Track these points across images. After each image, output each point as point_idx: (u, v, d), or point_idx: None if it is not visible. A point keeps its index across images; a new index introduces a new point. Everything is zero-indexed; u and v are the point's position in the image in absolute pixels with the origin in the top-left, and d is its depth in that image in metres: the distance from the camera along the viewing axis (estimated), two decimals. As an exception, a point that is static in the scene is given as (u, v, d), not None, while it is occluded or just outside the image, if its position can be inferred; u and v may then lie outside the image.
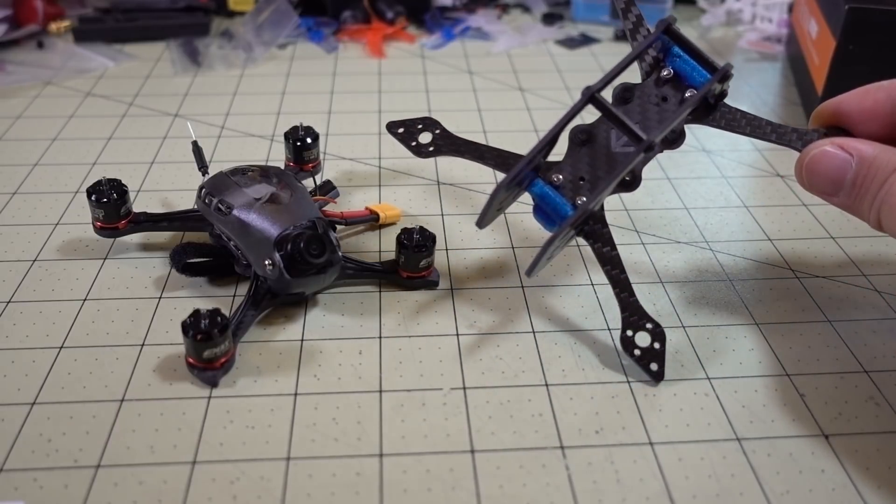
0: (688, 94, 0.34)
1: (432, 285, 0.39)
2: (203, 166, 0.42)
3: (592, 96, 0.32)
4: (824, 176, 0.32)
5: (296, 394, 0.33)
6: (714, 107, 0.34)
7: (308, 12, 0.74)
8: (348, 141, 0.54)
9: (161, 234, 0.43)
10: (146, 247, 0.42)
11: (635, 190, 0.35)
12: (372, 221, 0.44)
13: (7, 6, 0.68)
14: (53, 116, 0.57)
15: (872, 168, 0.30)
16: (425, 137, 0.39)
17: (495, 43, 0.72)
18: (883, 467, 0.30)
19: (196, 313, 0.33)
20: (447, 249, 0.42)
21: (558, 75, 0.65)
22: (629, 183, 0.34)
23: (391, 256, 0.40)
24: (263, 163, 0.47)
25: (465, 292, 0.39)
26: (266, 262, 0.35)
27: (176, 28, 0.71)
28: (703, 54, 0.34)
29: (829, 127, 0.34)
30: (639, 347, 0.34)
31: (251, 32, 0.69)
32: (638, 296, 0.34)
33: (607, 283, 0.39)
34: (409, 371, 0.34)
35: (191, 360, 0.33)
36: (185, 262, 0.38)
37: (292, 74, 0.65)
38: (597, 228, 0.34)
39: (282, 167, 0.43)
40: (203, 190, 0.38)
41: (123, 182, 0.40)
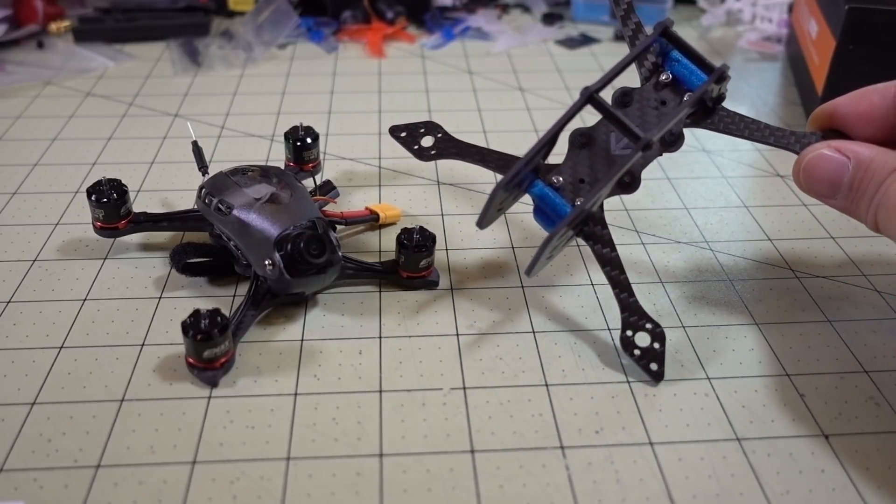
0: (686, 98, 0.34)
1: (432, 285, 0.39)
2: (203, 166, 0.42)
3: (591, 96, 0.33)
4: (821, 179, 0.32)
5: (296, 394, 0.33)
6: (712, 110, 0.35)
7: (308, 12, 0.74)
8: (348, 141, 0.54)
9: (161, 234, 0.43)
10: (146, 247, 0.42)
11: (635, 192, 0.35)
12: (372, 221, 0.44)
13: (7, 6, 0.68)
14: (53, 116, 0.57)
15: (869, 171, 0.30)
16: (427, 141, 0.40)
17: (495, 43, 0.72)
18: (883, 467, 0.30)
19: (196, 313, 0.33)
20: (447, 249, 0.42)
21: (558, 75, 0.65)
22: (628, 184, 0.35)
23: (391, 256, 0.40)
24: (263, 163, 0.47)
25: (465, 292, 0.39)
26: (266, 262, 0.35)
27: (176, 28, 0.71)
28: (701, 56, 0.34)
29: (826, 130, 0.35)
30: (639, 347, 0.34)
31: (251, 32, 0.69)
32: (638, 296, 0.34)
33: (607, 283, 0.39)
34: (409, 371, 0.34)
35: (191, 360, 0.33)
36: (185, 262, 0.38)
37: (292, 74, 0.65)
38: (596, 230, 0.34)
39: (282, 167, 0.43)
40: (203, 190, 0.38)
41: (123, 182, 0.40)
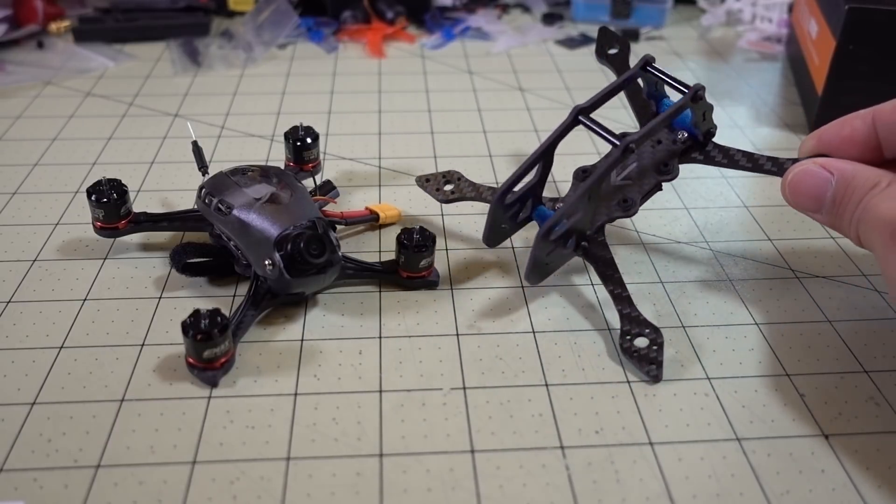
0: (679, 136, 0.38)
1: (432, 285, 0.39)
2: (203, 166, 0.42)
3: (578, 115, 0.36)
4: (806, 194, 0.33)
5: (296, 394, 0.33)
6: (704, 144, 0.38)
7: (308, 12, 0.74)
8: (348, 141, 0.54)
9: (161, 234, 0.43)
10: (146, 247, 0.42)
11: (633, 215, 0.38)
12: (372, 221, 0.44)
13: (7, 6, 0.68)
14: (53, 116, 0.57)
15: (850, 186, 0.31)
16: (448, 186, 0.43)
17: (495, 43, 0.72)
18: (883, 467, 0.30)
19: (196, 313, 0.33)
20: (447, 249, 0.42)
21: (558, 75, 0.65)
22: (627, 207, 0.38)
23: (391, 256, 0.40)
24: (263, 163, 0.47)
25: (465, 292, 0.39)
26: (266, 262, 0.35)
27: (176, 28, 0.71)
28: (682, 82, 0.37)
29: (813, 155, 0.36)
30: (638, 352, 0.34)
31: (251, 32, 0.69)
32: (638, 296, 0.35)
33: (607, 283, 0.40)
34: (409, 371, 0.34)
35: (191, 360, 0.33)
36: (185, 262, 0.38)
37: (292, 74, 0.65)
38: (597, 251, 0.37)
39: (282, 167, 0.43)
40: (203, 190, 0.38)
41: (123, 182, 0.40)
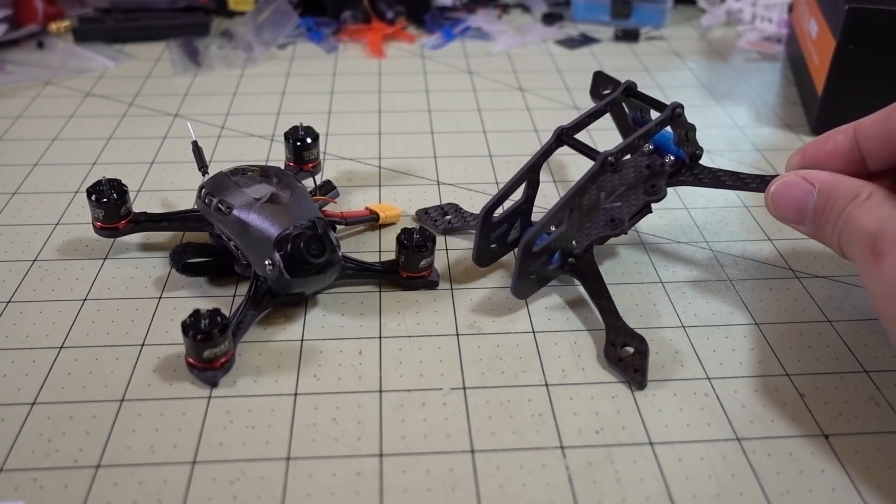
0: (667, 160, 0.40)
1: (432, 285, 0.39)
2: (203, 166, 0.42)
3: (559, 136, 0.38)
4: (789, 205, 0.33)
5: (296, 394, 0.33)
6: (691, 166, 0.40)
7: (308, 12, 0.74)
8: (348, 141, 0.54)
9: (161, 234, 0.43)
10: (146, 247, 0.42)
11: (622, 234, 0.39)
12: (372, 221, 0.44)
13: (7, 6, 0.68)
14: (53, 116, 0.57)
15: (832, 197, 0.32)
16: (447, 217, 0.45)
17: (495, 43, 0.72)
18: (883, 467, 0.30)
19: (196, 313, 0.33)
20: (447, 249, 0.42)
21: (558, 75, 0.65)
22: (615, 226, 0.39)
23: (391, 256, 0.40)
24: (263, 163, 0.47)
25: (465, 292, 0.39)
26: (266, 262, 0.35)
27: (176, 28, 0.71)
28: (663, 103, 0.38)
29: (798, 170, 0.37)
30: (622, 360, 0.34)
31: (251, 32, 0.69)
32: (638, 296, 0.35)
33: (607, 284, 0.39)
34: (409, 371, 0.34)
35: (191, 360, 0.33)
36: (185, 262, 0.38)
37: (292, 74, 0.65)
38: (583, 268, 0.38)
39: (282, 167, 0.43)
40: (203, 190, 0.38)
41: (123, 182, 0.40)
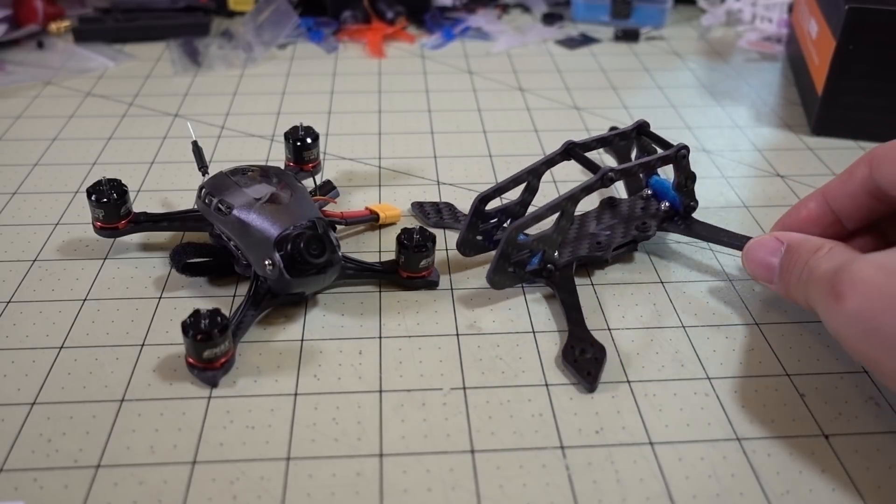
0: (663, 205, 0.42)
1: (432, 285, 0.39)
2: (203, 166, 0.42)
3: (566, 149, 0.40)
4: (760, 262, 0.35)
5: (296, 394, 0.33)
6: (685, 216, 0.42)
7: (308, 12, 0.74)
8: (348, 141, 0.54)
9: (161, 234, 0.43)
10: (146, 247, 0.42)
11: (604, 259, 0.40)
12: (372, 221, 0.44)
13: (7, 6, 0.68)
14: (53, 116, 0.57)
15: (797, 252, 0.33)
16: (441, 212, 0.45)
17: (495, 43, 0.72)
18: (883, 467, 0.30)
19: (196, 313, 0.33)
20: (447, 249, 0.42)
21: (558, 75, 0.65)
22: (599, 248, 0.40)
23: (391, 256, 0.40)
24: (263, 163, 0.47)
25: (465, 292, 0.39)
26: (266, 262, 0.35)
27: (176, 28, 0.71)
28: (671, 143, 0.40)
29: None
30: (577, 360, 0.34)
31: (251, 32, 0.69)
32: (638, 296, 0.36)
33: (606, 284, 0.40)
34: (409, 371, 0.34)
35: (191, 360, 0.33)
36: (185, 262, 0.38)
37: (292, 74, 0.65)
38: (561, 279, 0.38)
39: (282, 167, 0.43)
40: (203, 190, 0.38)
41: (123, 182, 0.40)
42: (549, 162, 0.40)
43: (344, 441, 0.31)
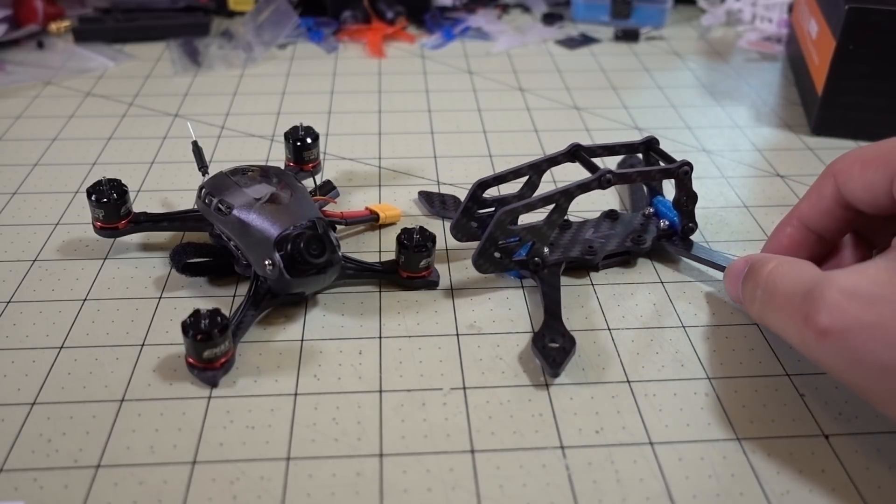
0: (662, 223, 0.42)
1: (432, 285, 0.39)
2: (203, 166, 0.42)
3: (573, 151, 0.40)
4: (731, 283, 0.36)
5: (296, 394, 0.33)
6: (683, 238, 0.42)
7: (308, 12, 0.74)
8: (348, 141, 0.54)
9: (161, 234, 0.43)
10: (146, 247, 0.42)
11: (593, 264, 0.40)
12: (372, 221, 0.44)
13: (7, 6, 0.68)
14: (53, 116, 0.57)
15: (753, 269, 0.33)
16: (445, 203, 0.46)
17: (495, 43, 0.72)
18: (883, 467, 0.30)
19: (196, 313, 0.33)
20: (447, 249, 0.42)
21: (558, 75, 0.65)
22: (590, 252, 0.40)
23: (391, 256, 0.40)
24: (263, 163, 0.47)
25: (465, 292, 0.39)
26: (266, 262, 0.35)
27: (176, 28, 0.71)
28: (675, 160, 0.40)
29: None
30: (545, 347, 0.34)
31: (251, 32, 0.69)
32: (638, 296, 0.36)
33: (607, 284, 0.40)
34: (409, 371, 0.34)
35: (191, 360, 0.33)
36: (185, 262, 0.38)
37: (292, 74, 0.65)
38: (547, 274, 0.39)
39: (282, 167, 0.43)
40: (203, 190, 0.38)
41: (123, 182, 0.40)
42: (552, 160, 0.40)
43: (344, 441, 0.31)
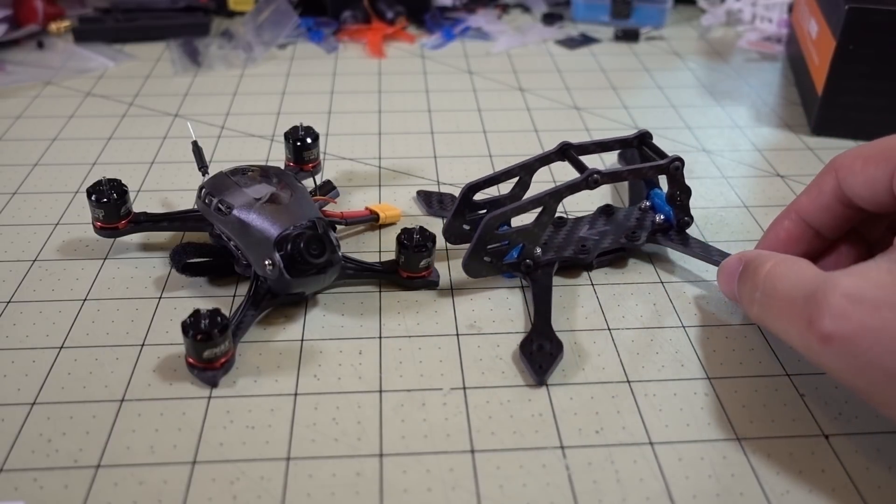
0: (658, 217, 0.42)
1: (432, 285, 0.39)
2: (203, 166, 0.42)
3: (561, 149, 0.40)
4: (725, 280, 0.35)
5: (296, 394, 0.33)
6: (680, 231, 0.42)
7: (308, 12, 0.74)
8: (348, 141, 0.54)
9: (161, 234, 0.43)
10: (146, 247, 0.42)
11: (586, 263, 0.40)
12: (372, 221, 0.44)
13: (7, 6, 0.68)
14: (53, 116, 0.57)
15: (750, 268, 0.33)
16: (442, 202, 0.46)
17: (495, 43, 0.72)
18: (883, 467, 0.30)
19: (196, 313, 0.33)
20: (447, 249, 0.42)
21: (558, 75, 0.65)
22: (584, 251, 0.40)
23: (391, 256, 0.40)
24: (263, 163, 0.47)
25: (465, 292, 0.39)
26: (266, 262, 0.35)
27: (176, 28, 0.71)
28: (665, 153, 0.41)
29: None
30: (532, 352, 0.34)
31: (251, 32, 0.69)
32: (638, 296, 0.36)
33: (607, 284, 0.40)
34: (409, 371, 0.34)
35: (191, 360, 0.33)
36: (185, 262, 0.38)
37: (292, 74, 0.65)
38: (539, 275, 0.39)
39: (282, 167, 0.43)
40: (203, 190, 0.38)
41: (123, 182, 0.40)
42: (543, 160, 0.40)
43: (344, 441, 0.31)
